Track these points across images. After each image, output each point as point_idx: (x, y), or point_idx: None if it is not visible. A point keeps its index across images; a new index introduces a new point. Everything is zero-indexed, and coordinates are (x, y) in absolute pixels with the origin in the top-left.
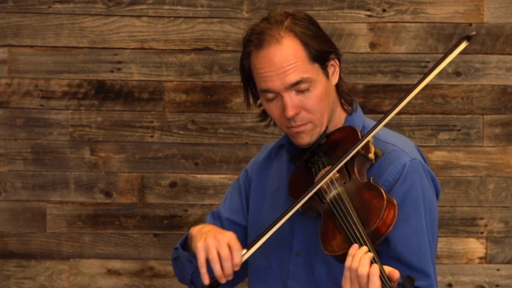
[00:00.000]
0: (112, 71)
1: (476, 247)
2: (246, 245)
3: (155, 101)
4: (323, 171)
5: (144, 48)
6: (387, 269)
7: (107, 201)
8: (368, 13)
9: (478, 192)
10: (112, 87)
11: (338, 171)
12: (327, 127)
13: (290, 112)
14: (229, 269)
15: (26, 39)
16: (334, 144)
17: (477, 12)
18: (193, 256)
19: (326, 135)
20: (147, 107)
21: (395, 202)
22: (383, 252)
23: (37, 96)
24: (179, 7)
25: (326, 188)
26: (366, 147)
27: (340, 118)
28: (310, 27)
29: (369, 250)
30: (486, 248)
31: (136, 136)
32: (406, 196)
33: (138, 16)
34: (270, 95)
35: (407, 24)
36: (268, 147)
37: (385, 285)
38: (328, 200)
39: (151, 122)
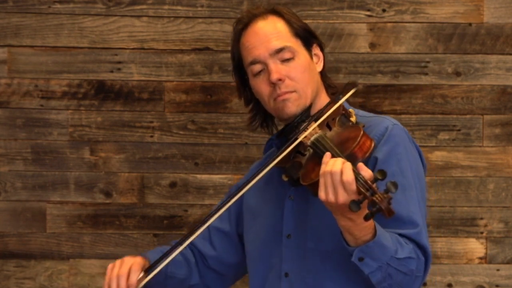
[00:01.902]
0: (112, 71)
1: (476, 247)
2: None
3: (155, 101)
4: (300, 128)
5: (144, 48)
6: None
7: (107, 201)
8: (368, 13)
9: (478, 192)
10: (112, 87)
11: (319, 127)
12: (311, 104)
13: (275, 76)
14: (122, 286)
15: (26, 39)
16: (316, 115)
17: (477, 12)
18: None
19: (318, 113)
20: (147, 107)
21: (372, 139)
22: None
23: (37, 96)
24: (179, 7)
25: (308, 139)
26: (347, 113)
27: (325, 102)
28: (294, 14)
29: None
30: (486, 248)
31: (136, 136)
32: (390, 154)
33: (138, 16)
34: (257, 67)
35: (407, 24)
36: (260, 160)
37: (359, 180)
38: (309, 144)
39: (151, 122)
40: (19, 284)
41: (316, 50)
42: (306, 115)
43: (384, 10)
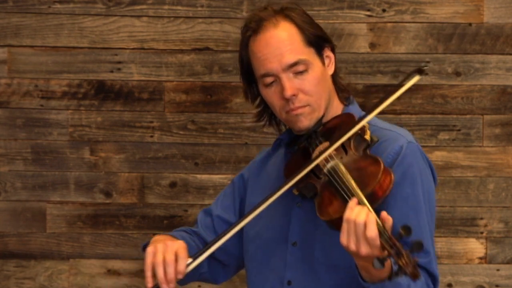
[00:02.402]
0: (112, 71)
1: (476, 247)
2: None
3: (155, 101)
4: (321, 147)
5: (144, 48)
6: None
7: (107, 201)
8: (368, 13)
9: (478, 192)
10: (112, 87)
11: (334, 149)
12: (324, 113)
13: (289, 92)
14: (171, 274)
15: (26, 39)
16: (330, 129)
17: (477, 12)
18: None
19: (323, 123)
20: (147, 107)
21: (391, 171)
22: None
23: (37, 96)
24: (179, 7)
25: (324, 163)
26: (362, 130)
27: (337, 108)
28: (305, 15)
29: (366, 206)
30: (486, 248)
31: (136, 136)
32: (404, 175)
33: (138, 16)
34: (269, 79)
35: (407, 24)
36: (265, 150)
37: (383, 235)
38: (325, 172)
39: (151, 122)
40: (19, 284)
41: (327, 52)
42: (318, 125)
43: (384, 10)
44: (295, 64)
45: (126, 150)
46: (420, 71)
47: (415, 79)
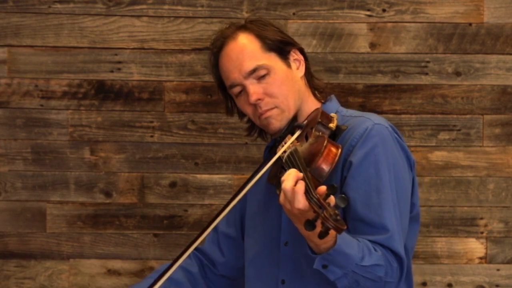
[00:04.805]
0: (112, 71)
1: (476, 247)
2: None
3: (155, 101)
4: (286, 140)
5: (144, 48)
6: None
7: (107, 201)
8: (368, 13)
9: (478, 192)
10: (112, 87)
11: (298, 140)
12: (296, 114)
13: (253, 97)
14: None
15: (26, 39)
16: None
17: (477, 12)
18: None
19: (298, 125)
20: (147, 107)
21: (339, 145)
22: (346, 214)
23: (37, 96)
24: (179, 7)
25: (284, 154)
26: (327, 118)
27: (314, 107)
28: (266, 25)
29: (303, 179)
30: (486, 248)
31: (136, 136)
32: (367, 156)
33: (138, 16)
34: (236, 89)
35: (407, 24)
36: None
37: (311, 198)
38: (283, 161)
39: (151, 122)
40: (19, 284)
41: (295, 55)
42: (292, 126)
43: (384, 10)
44: (255, 70)
45: (126, 150)
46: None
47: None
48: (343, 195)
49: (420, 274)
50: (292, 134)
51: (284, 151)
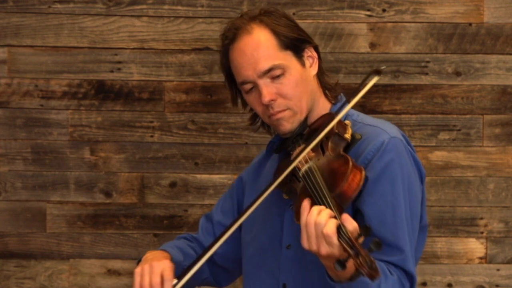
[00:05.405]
0: (112, 71)
1: (476, 247)
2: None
3: (155, 101)
4: (297, 150)
5: (144, 48)
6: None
7: (107, 201)
8: (368, 13)
9: (478, 192)
10: (112, 87)
11: (313, 150)
12: (307, 116)
13: (266, 98)
14: None
15: (26, 39)
16: (314, 131)
17: (477, 12)
18: None
19: (308, 125)
20: (147, 107)
21: (362, 168)
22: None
23: (37, 96)
24: (179, 7)
25: (301, 166)
26: (342, 127)
27: (324, 108)
28: (282, 19)
29: (329, 208)
30: (486, 248)
31: (136, 136)
32: (384, 171)
33: (138, 16)
34: (248, 86)
35: (407, 24)
36: (263, 152)
37: (342, 236)
38: (300, 175)
39: (151, 122)
40: (19, 284)
41: (309, 52)
42: (304, 127)
43: (384, 10)
44: (270, 70)
45: (126, 150)
46: (378, 72)
47: (374, 80)
48: (376, 239)
49: (420, 274)
50: (302, 138)
51: (300, 162)
